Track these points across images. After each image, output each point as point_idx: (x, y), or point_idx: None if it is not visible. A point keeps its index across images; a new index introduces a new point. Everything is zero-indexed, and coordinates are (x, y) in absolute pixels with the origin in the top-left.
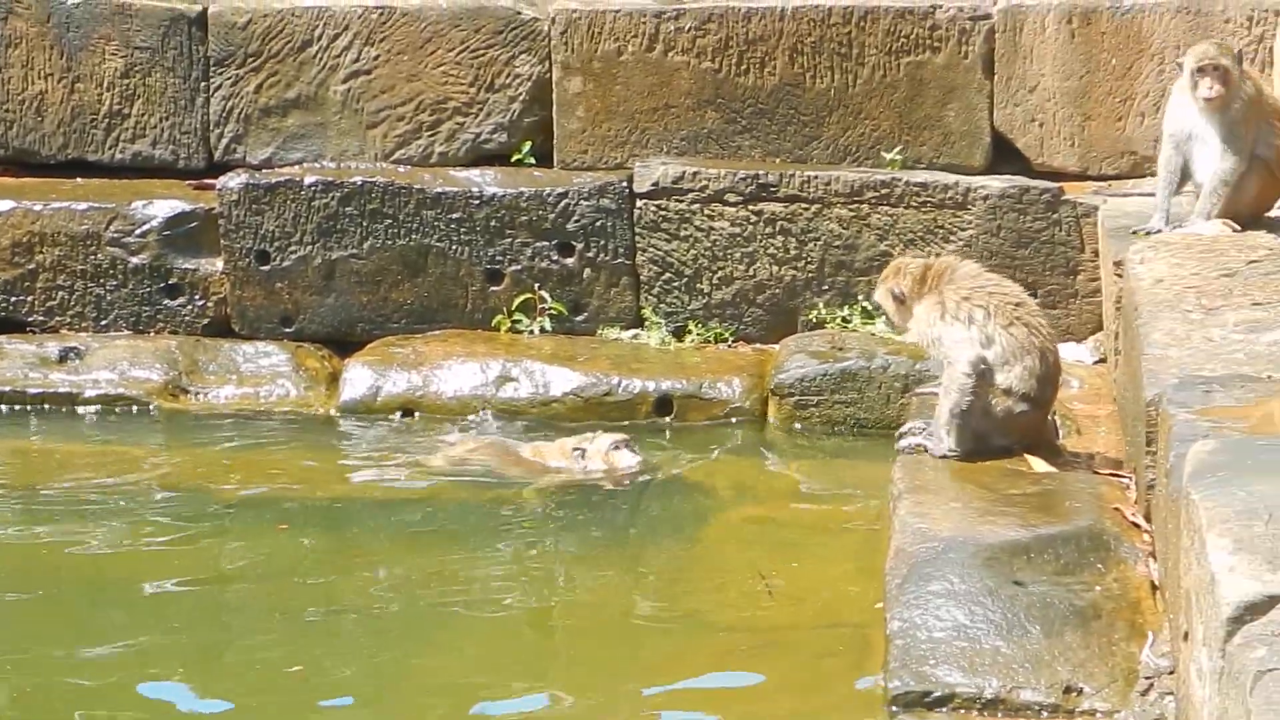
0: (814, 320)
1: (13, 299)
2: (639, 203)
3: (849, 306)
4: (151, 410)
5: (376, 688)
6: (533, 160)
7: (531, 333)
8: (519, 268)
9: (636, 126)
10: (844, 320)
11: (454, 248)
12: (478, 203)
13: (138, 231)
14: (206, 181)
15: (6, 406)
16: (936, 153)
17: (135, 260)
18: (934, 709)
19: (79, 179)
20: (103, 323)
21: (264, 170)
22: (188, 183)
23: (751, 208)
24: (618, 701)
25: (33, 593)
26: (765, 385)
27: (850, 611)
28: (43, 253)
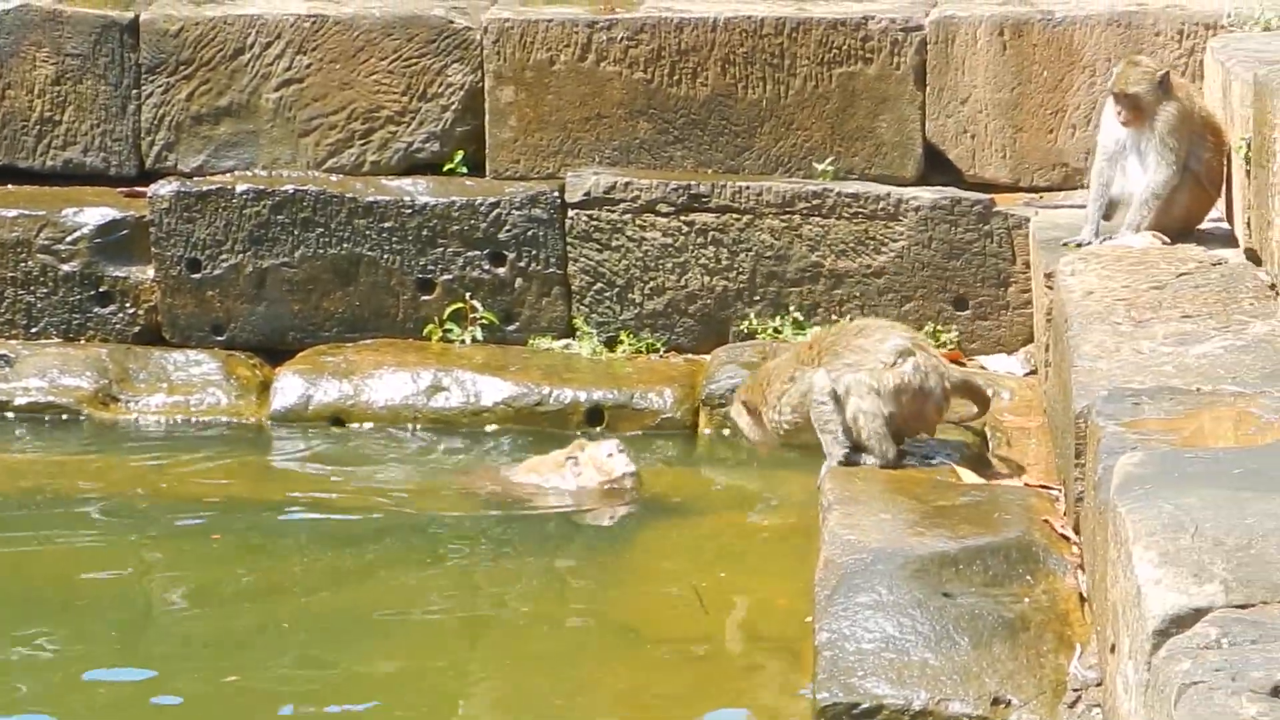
0: (745, 331)
1: None
2: (571, 212)
3: (780, 317)
4: (82, 418)
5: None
6: (465, 170)
7: (463, 342)
8: (450, 277)
9: (569, 136)
10: (775, 331)
11: (385, 257)
12: (410, 212)
13: (68, 239)
14: (137, 189)
15: None
16: (868, 164)
17: (66, 268)
18: None
19: (9, 186)
20: (33, 330)
21: (195, 178)
22: (119, 190)
23: (683, 218)
24: (544, 714)
25: None
26: (697, 396)
27: (781, 623)
28: None
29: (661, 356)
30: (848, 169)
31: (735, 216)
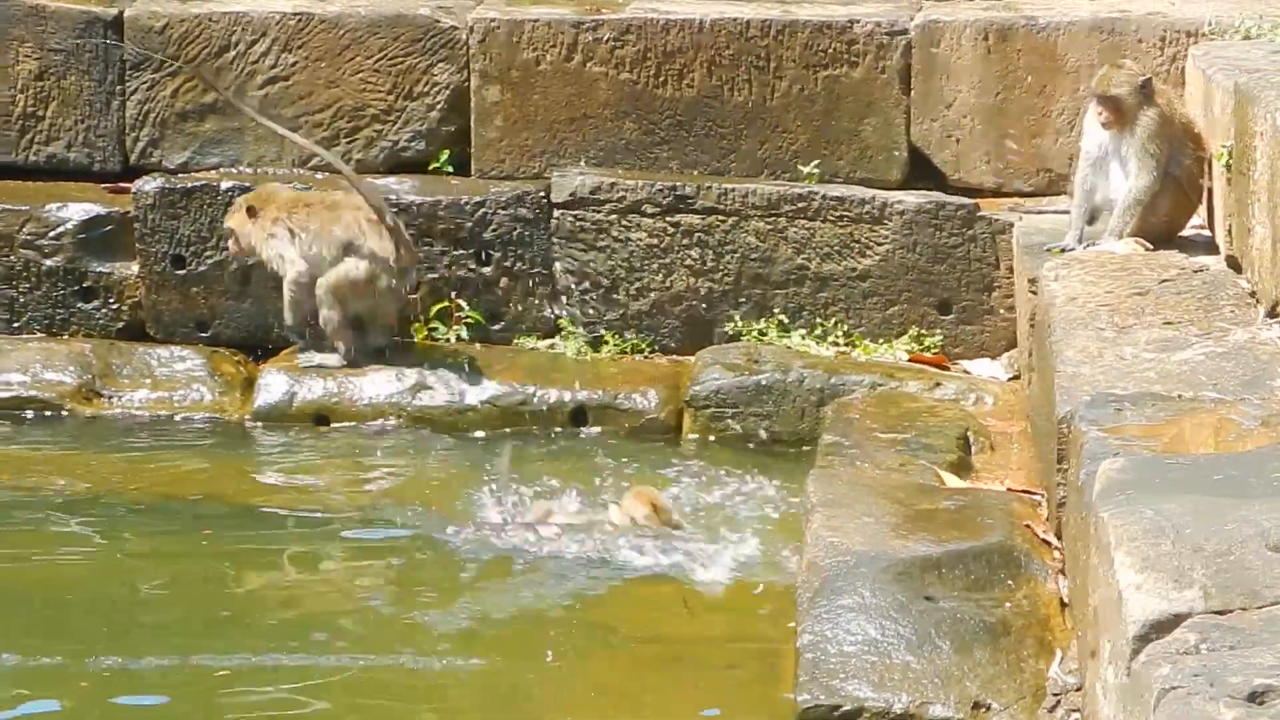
0: (730, 333)
1: None
2: (556, 213)
3: (765, 319)
4: (64, 413)
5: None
6: (450, 169)
7: (448, 341)
8: (435, 276)
9: (554, 136)
10: (760, 333)
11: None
12: (395, 210)
13: (52, 234)
14: (122, 185)
15: None
16: (853, 167)
17: (49, 263)
18: None
19: None
20: (15, 325)
21: (180, 175)
22: (103, 186)
23: (669, 219)
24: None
25: None
26: (681, 397)
27: (762, 625)
28: None
29: (646, 357)
30: (833, 172)
31: (721, 218)
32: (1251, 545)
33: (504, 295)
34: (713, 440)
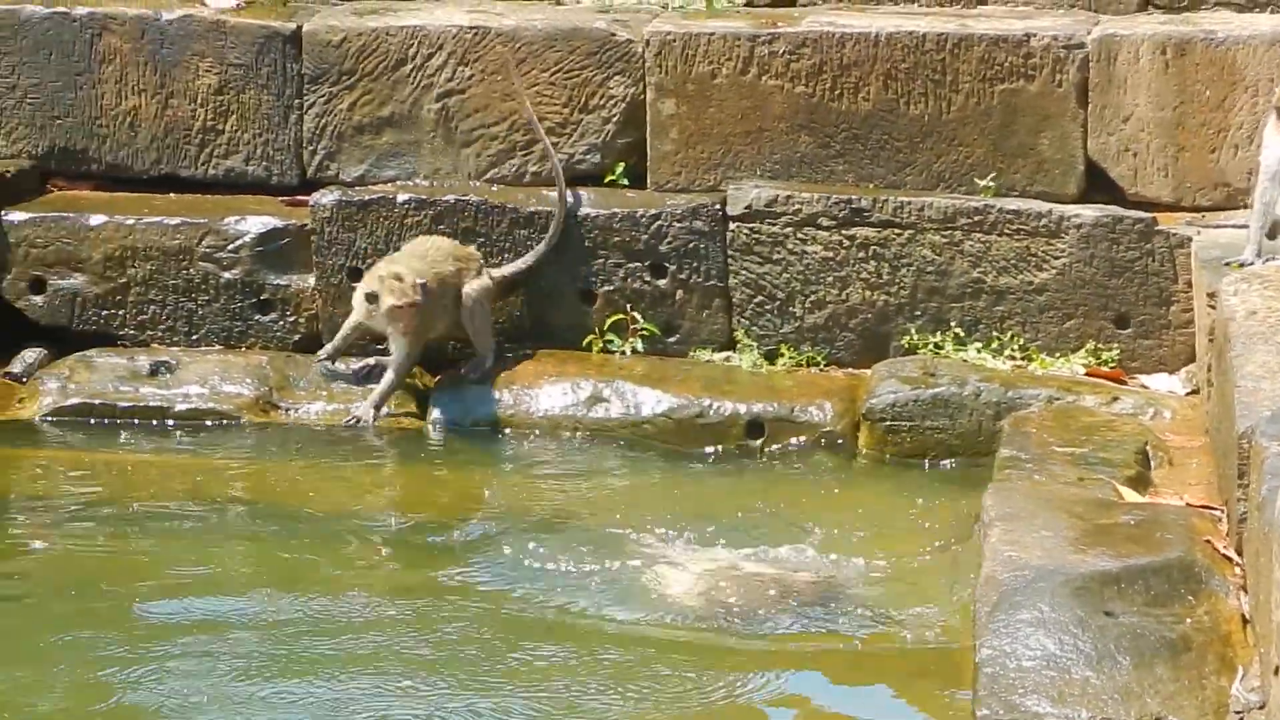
0: (906, 346)
1: (104, 313)
2: (732, 225)
3: (941, 333)
4: (241, 425)
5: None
6: (626, 181)
7: (623, 353)
8: (611, 288)
9: (730, 149)
10: (936, 346)
11: (546, 268)
12: (571, 223)
13: (230, 247)
14: (299, 198)
15: (96, 420)
16: (1030, 181)
17: (227, 275)
18: None
19: (171, 194)
20: (194, 337)
21: (357, 187)
22: (280, 199)
23: (844, 232)
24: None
25: (102, 602)
26: (856, 410)
27: (936, 634)
28: (135, 267)
29: (821, 370)
30: (1009, 186)
31: (896, 231)
32: None
33: (679, 308)
34: (888, 453)
